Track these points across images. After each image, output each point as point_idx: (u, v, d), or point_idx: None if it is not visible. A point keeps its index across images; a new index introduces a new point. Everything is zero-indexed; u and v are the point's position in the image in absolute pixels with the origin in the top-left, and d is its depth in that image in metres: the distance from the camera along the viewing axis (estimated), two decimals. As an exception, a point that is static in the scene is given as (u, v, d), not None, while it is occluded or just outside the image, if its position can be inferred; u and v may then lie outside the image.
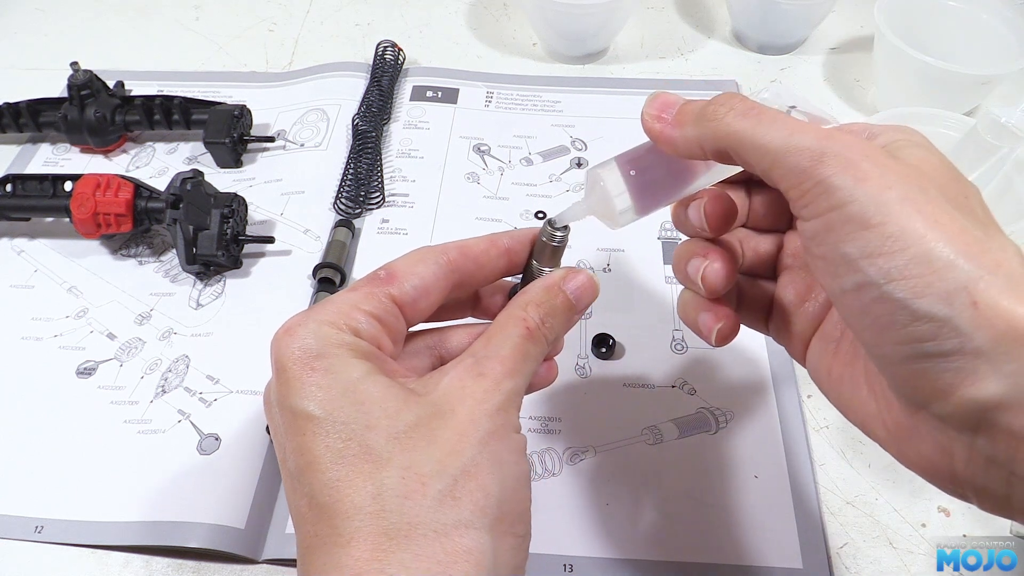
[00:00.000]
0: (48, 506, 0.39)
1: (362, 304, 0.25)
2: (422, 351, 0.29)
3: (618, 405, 0.42)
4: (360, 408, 0.23)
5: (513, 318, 0.26)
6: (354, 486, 0.22)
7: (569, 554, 0.37)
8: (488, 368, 0.25)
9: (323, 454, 0.22)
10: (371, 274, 0.26)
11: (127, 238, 0.51)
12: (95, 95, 0.55)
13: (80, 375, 0.44)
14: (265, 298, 0.48)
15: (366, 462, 0.22)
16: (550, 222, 0.28)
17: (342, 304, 0.25)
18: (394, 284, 0.26)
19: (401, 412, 0.23)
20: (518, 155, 0.56)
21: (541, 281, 0.28)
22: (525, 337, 0.26)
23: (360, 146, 0.55)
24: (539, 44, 0.66)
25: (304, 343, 0.24)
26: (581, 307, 0.28)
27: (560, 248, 0.28)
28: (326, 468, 0.22)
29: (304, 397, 0.23)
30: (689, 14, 0.70)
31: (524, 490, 0.25)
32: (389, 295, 0.26)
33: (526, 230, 0.29)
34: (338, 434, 0.22)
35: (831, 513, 0.38)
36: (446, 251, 0.27)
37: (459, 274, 0.27)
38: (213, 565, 0.37)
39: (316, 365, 0.23)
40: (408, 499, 0.22)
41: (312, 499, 0.22)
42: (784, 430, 0.41)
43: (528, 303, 0.27)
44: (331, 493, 0.22)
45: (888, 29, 0.53)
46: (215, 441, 0.41)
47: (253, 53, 0.66)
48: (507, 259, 0.29)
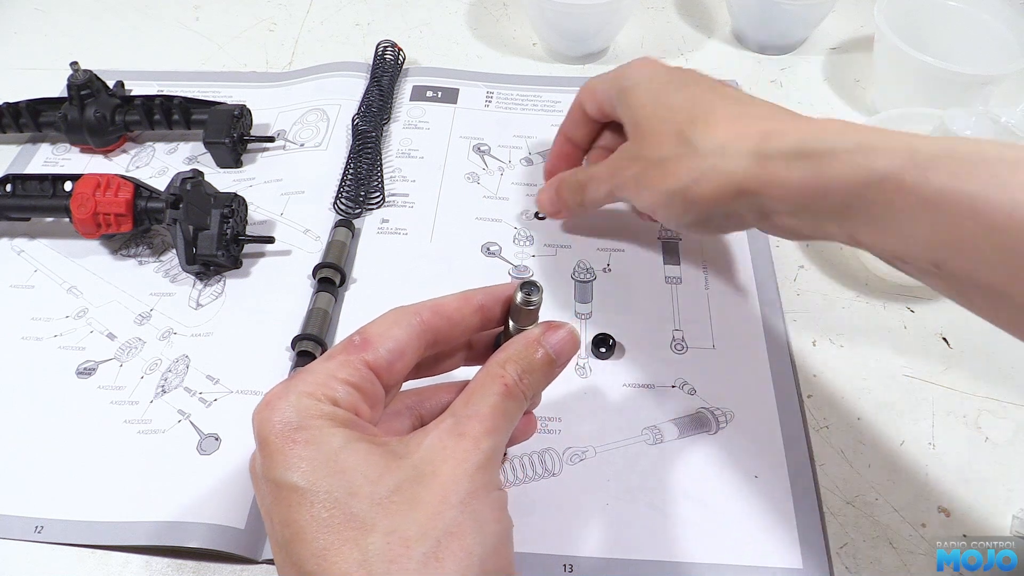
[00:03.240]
0: (48, 506, 0.39)
1: (338, 373, 0.26)
2: (402, 412, 0.29)
3: (618, 405, 0.42)
4: (342, 476, 0.23)
5: (491, 376, 0.27)
6: (340, 554, 0.22)
7: (569, 554, 0.37)
8: (468, 428, 0.25)
9: (308, 524, 0.23)
10: (346, 340, 0.27)
11: (127, 238, 0.51)
12: (95, 95, 0.55)
13: (80, 375, 0.44)
14: (265, 298, 0.48)
15: (350, 529, 0.23)
16: (522, 286, 0.28)
17: (319, 374, 0.26)
18: (368, 350, 0.26)
19: (383, 477, 0.24)
20: (518, 155, 0.56)
21: (520, 337, 0.29)
22: (503, 395, 0.26)
23: (360, 146, 0.55)
24: (539, 44, 0.66)
25: (284, 416, 0.24)
26: (562, 362, 0.29)
27: (534, 311, 0.29)
28: (312, 538, 0.23)
29: (287, 469, 0.23)
30: (689, 14, 0.70)
31: (506, 546, 0.25)
32: (364, 361, 0.26)
33: (500, 287, 0.30)
34: (322, 504, 0.23)
35: (831, 513, 0.38)
36: (419, 312, 0.28)
37: (432, 333, 0.28)
38: (213, 565, 0.37)
39: (297, 437, 0.24)
40: (394, 563, 0.22)
41: (300, 568, 0.23)
42: (784, 430, 0.41)
43: (506, 360, 0.28)
44: (318, 562, 0.22)
45: (888, 29, 0.53)
46: (215, 441, 0.41)
47: (253, 53, 0.66)
48: (481, 316, 0.29)
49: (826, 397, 0.43)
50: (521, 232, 0.51)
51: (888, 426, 0.42)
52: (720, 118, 0.35)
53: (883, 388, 0.43)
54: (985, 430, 0.41)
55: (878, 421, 0.42)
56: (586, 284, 0.48)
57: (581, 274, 0.48)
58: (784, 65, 0.64)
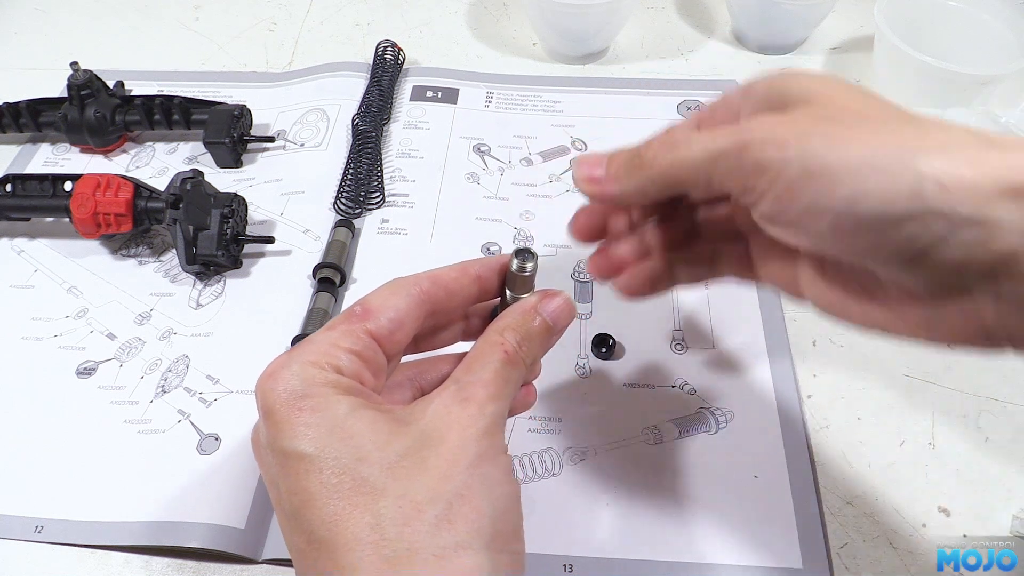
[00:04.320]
0: (48, 506, 0.39)
1: (341, 342, 0.25)
2: (403, 384, 0.30)
3: (618, 405, 0.42)
4: (350, 442, 0.23)
5: (491, 344, 0.27)
6: (352, 518, 0.22)
7: (569, 554, 0.37)
8: (472, 393, 0.25)
9: (318, 491, 0.23)
10: (347, 311, 0.27)
11: (127, 238, 0.51)
12: (95, 95, 0.55)
13: (80, 375, 0.44)
14: (265, 298, 0.48)
15: (361, 494, 0.23)
16: (517, 253, 0.29)
17: (322, 343, 0.25)
18: (370, 319, 0.26)
19: (391, 442, 0.24)
20: (518, 155, 0.56)
21: (518, 306, 0.29)
22: (504, 361, 0.27)
23: (360, 146, 0.55)
24: (539, 44, 0.66)
25: (288, 385, 0.24)
26: (559, 329, 0.29)
27: (530, 277, 0.29)
28: (322, 504, 0.23)
29: (294, 437, 0.23)
30: (689, 14, 0.70)
31: (515, 508, 0.25)
32: (366, 330, 0.26)
33: (496, 257, 0.30)
34: (331, 469, 0.23)
35: (831, 513, 0.38)
36: (418, 282, 0.28)
37: (431, 303, 0.28)
38: (213, 565, 0.37)
39: (303, 405, 0.24)
40: (406, 526, 0.22)
41: (311, 535, 0.23)
42: (784, 430, 0.41)
43: (505, 328, 0.28)
44: (330, 528, 0.22)
45: (888, 29, 0.53)
46: (215, 441, 0.41)
47: (253, 53, 0.66)
48: (478, 286, 0.29)
49: (826, 397, 0.43)
50: (521, 232, 0.51)
51: (888, 426, 0.42)
52: (947, 142, 0.22)
53: (883, 388, 0.43)
54: (985, 430, 0.41)
55: (878, 421, 0.42)
56: (586, 284, 0.48)
57: (581, 274, 0.48)
58: (784, 65, 0.64)
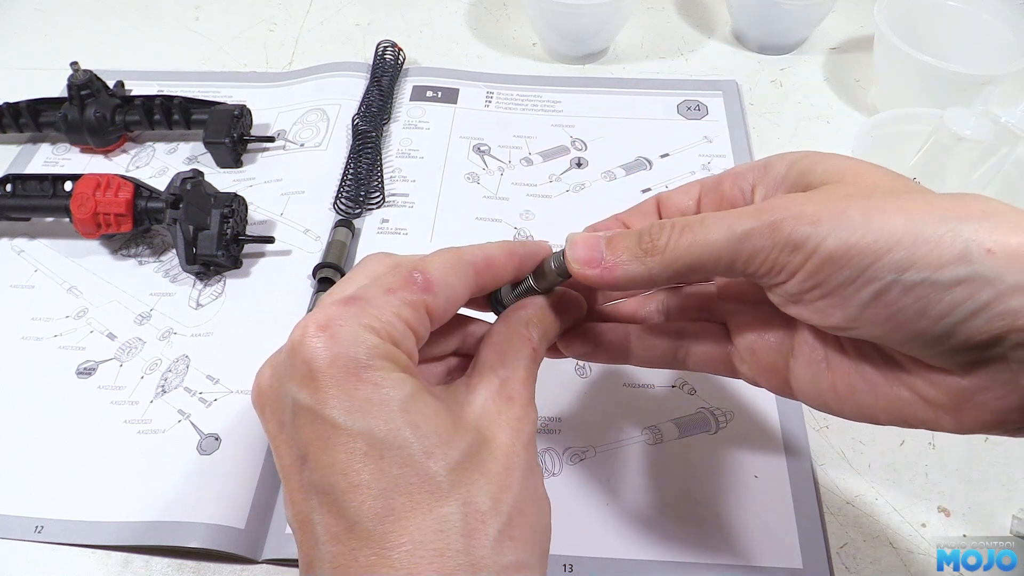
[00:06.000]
0: (48, 506, 0.39)
1: (402, 311, 0.23)
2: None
3: (618, 405, 0.42)
4: (417, 432, 0.21)
5: (519, 337, 0.26)
6: (412, 519, 0.20)
7: (569, 554, 0.37)
8: (515, 391, 0.25)
9: (374, 479, 0.21)
10: (407, 276, 0.24)
11: (127, 238, 0.51)
12: (95, 95, 0.55)
13: (80, 375, 0.44)
14: (265, 298, 0.48)
15: (425, 493, 0.21)
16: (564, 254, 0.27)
17: (383, 309, 0.23)
18: (431, 294, 0.24)
19: (453, 439, 0.22)
20: (518, 155, 0.56)
21: (540, 300, 0.28)
22: (532, 359, 0.26)
23: (360, 146, 0.55)
24: (539, 44, 0.66)
25: (346, 348, 0.21)
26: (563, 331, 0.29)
27: (563, 280, 0.28)
28: (379, 494, 0.21)
29: (351, 412, 0.21)
30: (689, 14, 0.70)
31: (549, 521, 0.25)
32: (426, 305, 0.24)
33: (539, 244, 0.28)
34: (393, 458, 0.21)
35: (831, 513, 0.38)
36: (473, 262, 0.26)
37: (478, 288, 0.26)
38: (213, 565, 0.37)
39: (363, 377, 0.21)
40: (471, 539, 0.21)
41: (355, 524, 0.21)
42: (784, 430, 0.41)
43: (530, 321, 0.27)
44: (383, 522, 0.20)
45: (888, 29, 0.53)
46: (215, 441, 0.41)
47: (253, 53, 0.66)
48: (517, 270, 0.28)
49: (826, 397, 0.43)
50: (521, 232, 0.51)
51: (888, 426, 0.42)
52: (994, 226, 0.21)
53: (883, 388, 0.43)
54: (985, 430, 0.41)
55: (878, 421, 0.42)
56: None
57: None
58: (784, 65, 0.64)
